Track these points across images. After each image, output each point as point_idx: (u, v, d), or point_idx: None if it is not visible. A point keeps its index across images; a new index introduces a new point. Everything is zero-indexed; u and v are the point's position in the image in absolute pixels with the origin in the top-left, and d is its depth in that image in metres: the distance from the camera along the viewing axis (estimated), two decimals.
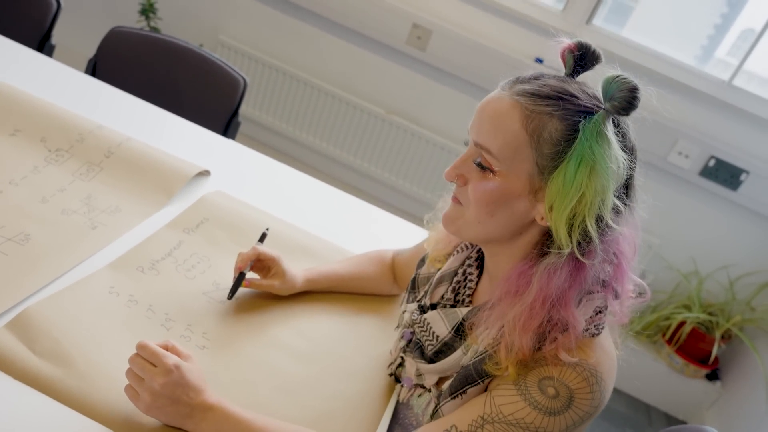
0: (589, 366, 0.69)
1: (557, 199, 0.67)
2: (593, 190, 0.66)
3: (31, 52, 1.49)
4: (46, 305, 0.85)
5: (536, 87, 0.69)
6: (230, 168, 1.35)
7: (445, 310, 0.83)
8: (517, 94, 0.69)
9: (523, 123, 0.68)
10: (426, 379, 0.84)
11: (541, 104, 0.68)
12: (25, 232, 0.97)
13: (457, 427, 0.71)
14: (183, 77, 1.67)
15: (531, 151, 0.68)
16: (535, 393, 0.69)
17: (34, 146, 1.17)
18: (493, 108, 0.70)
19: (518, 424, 0.69)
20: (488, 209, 0.72)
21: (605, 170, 0.65)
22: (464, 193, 0.74)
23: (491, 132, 0.70)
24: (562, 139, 0.67)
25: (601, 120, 0.66)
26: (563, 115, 0.68)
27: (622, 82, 0.66)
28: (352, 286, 1.08)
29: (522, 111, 0.68)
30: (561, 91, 0.69)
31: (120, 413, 0.75)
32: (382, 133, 2.57)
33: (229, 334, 0.93)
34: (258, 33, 2.60)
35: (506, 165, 0.70)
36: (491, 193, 0.71)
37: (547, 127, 0.68)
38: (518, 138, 0.69)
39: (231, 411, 0.74)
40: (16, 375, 0.76)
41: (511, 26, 2.31)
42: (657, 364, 2.35)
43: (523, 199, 0.71)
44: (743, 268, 2.29)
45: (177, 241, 1.07)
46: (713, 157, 2.19)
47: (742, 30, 2.28)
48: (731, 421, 2.19)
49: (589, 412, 0.70)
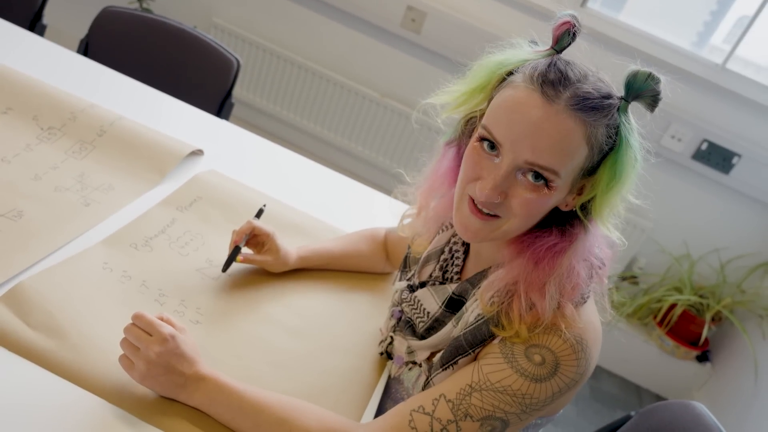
0: (574, 334, 0.71)
1: (605, 192, 0.69)
2: (630, 176, 0.70)
3: (23, 32, 1.48)
4: (40, 279, 0.86)
5: (587, 94, 0.67)
6: (223, 148, 1.35)
7: (435, 287, 0.84)
8: (576, 109, 0.66)
9: (587, 139, 0.67)
10: (417, 355, 0.85)
11: (599, 116, 0.67)
12: (18, 209, 0.97)
13: (446, 396, 0.72)
14: (176, 58, 1.66)
15: (587, 161, 0.69)
16: (522, 360, 0.70)
17: (26, 124, 1.17)
18: (554, 129, 0.66)
19: (505, 391, 0.70)
20: (536, 217, 0.72)
21: (638, 157, 0.69)
22: (501, 207, 0.71)
23: (558, 154, 0.67)
24: (608, 142, 0.69)
25: (627, 112, 0.69)
26: (611, 121, 0.68)
27: (653, 79, 0.67)
28: (345, 264, 1.09)
29: (586, 127, 0.67)
30: (605, 95, 0.68)
31: (113, 384, 0.76)
32: (377, 117, 2.57)
33: (222, 310, 0.94)
34: (252, 15, 2.59)
35: (566, 179, 0.69)
36: (545, 205, 0.70)
37: (600, 136, 0.68)
38: (582, 155, 0.68)
39: (224, 382, 0.75)
40: (10, 347, 0.77)
41: (506, 9, 2.30)
42: (648, 345, 2.38)
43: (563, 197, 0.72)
44: (734, 251, 2.31)
45: (170, 219, 1.08)
46: (706, 141, 2.20)
47: (739, 17, 2.29)
48: (721, 401, 2.22)
49: (575, 379, 0.71)
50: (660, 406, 1.04)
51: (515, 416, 0.71)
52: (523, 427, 0.74)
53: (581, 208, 0.72)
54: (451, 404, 0.72)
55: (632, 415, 1.07)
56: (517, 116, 0.67)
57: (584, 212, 0.72)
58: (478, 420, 0.70)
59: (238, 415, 0.74)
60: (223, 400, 0.74)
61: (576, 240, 0.72)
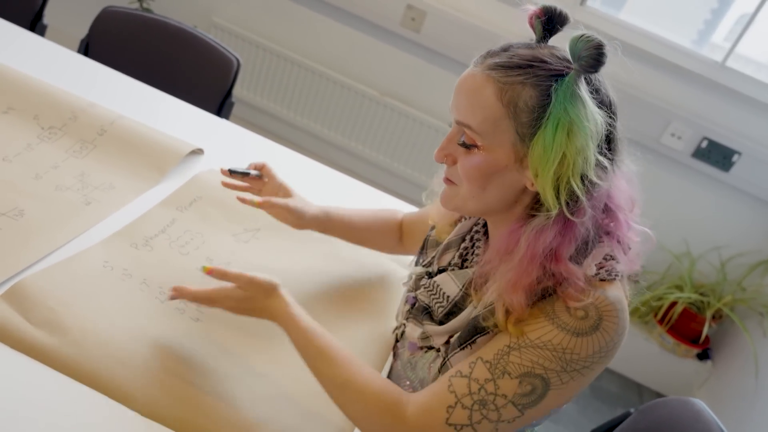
0: (612, 294, 0.71)
1: (540, 164, 0.69)
2: (573, 150, 0.67)
3: (23, 32, 1.48)
4: (42, 277, 0.86)
5: (506, 59, 0.71)
6: (223, 147, 1.36)
7: (455, 272, 0.84)
8: (489, 68, 0.71)
9: (498, 96, 0.70)
10: (434, 340, 0.83)
11: (513, 75, 0.70)
12: (19, 208, 0.97)
13: (483, 358, 0.72)
14: (176, 57, 1.67)
15: (510, 122, 0.70)
16: (564, 315, 0.70)
17: (27, 124, 1.17)
18: (467, 85, 0.72)
19: (545, 346, 0.69)
20: (479, 183, 0.73)
21: (582, 129, 0.67)
22: (455, 172, 0.76)
23: (469, 109, 0.72)
24: (537, 105, 0.69)
25: (573, 81, 0.68)
26: (535, 81, 0.69)
27: (587, 40, 0.67)
28: (360, 236, 1.09)
29: (495, 84, 0.70)
30: (531, 59, 0.70)
31: (114, 380, 0.77)
32: (376, 115, 2.57)
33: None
34: (252, 14, 2.59)
35: (488, 139, 0.71)
36: (479, 168, 0.72)
37: (522, 96, 0.69)
38: (495, 111, 0.70)
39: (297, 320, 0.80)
40: (12, 344, 0.77)
41: (506, 7, 2.30)
42: (648, 343, 2.38)
43: (511, 168, 0.72)
44: (734, 249, 2.31)
45: (170, 219, 1.08)
46: (706, 139, 2.20)
47: (739, 15, 2.28)
48: (722, 399, 2.22)
49: (614, 340, 0.70)
50: (659, 403, 1.04)
51: (556, 375, 0.69)
52: (565, 396, 0.71)
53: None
54: (488, 364, 0.71)
55: (631, 412, 1.07)
56: (456, 83, 0.75)
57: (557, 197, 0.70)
58: (517, 377, 0.69)
59: (305, 350, 0.79)
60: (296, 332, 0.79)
61: (532, 221, 0.71)
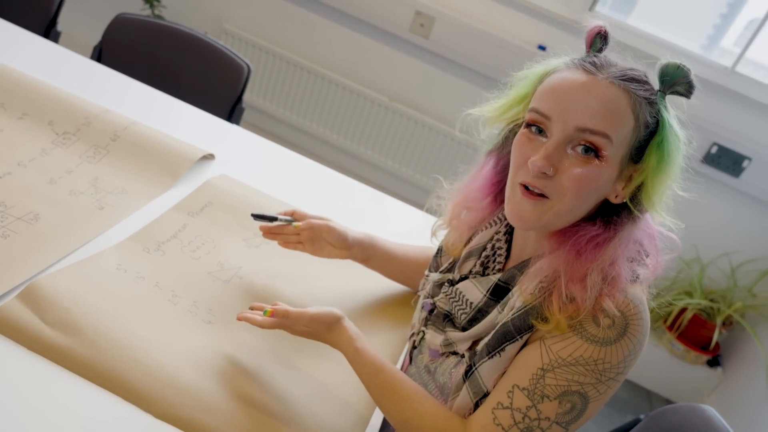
0: (634, 294, 0.71)
1: (654, 177, 0.71)
2: (677, 165, 0.71)
3: (38, 39, 1.51)
4: (56, 277, 0.87)
5: (626, 71, 0.72)
6: (234, 152, 1.37)
7: (477, 278, 0.83)
8: (618, 78, 0.70)
9: (632, 108, 0.70)
10: (458, 347, 0.82)
11: (640, 90, 0.71)
12: (34, 212, 0.99)
13: (519, 386, 0.72)
14: (187, 64, 1.68)
15: (633, 135, 0.71)
16: (590, 327, 0.70)
17: (41, 129, 1.19)
18: (602, 93, 0.69)
19: (578, 362, 0.69)
20: (585, 196, 0.71)
21: (681, 148, 0.72)
22: (550, 184, 0.71)
23: (607, 118, 0.69)
24: (652, 121, 0.71)
25: (666, 103, 0.72)
26: (652, 98, 0.71)
27: (686, 70, 0.71)
28: (401, 270, 1.07)
29: (629, 96, 0.70)
30: (644, 76, 0.73)
31: (128, 382, 0.77)
32: (385, 121, 2.58)
33: (234, 311, 0.95)
34: (262, 21, 2.61)
35: (613, 150, 0.70)
36: (596, 179, 0.70)
37: (644, 110, 0.70)
38: (628, 123, 0.70)
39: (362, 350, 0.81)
40: (27, 343, 0.78)
41: (515, 13, 2.31)
42: (658, 350, 2.37)
43: (612, 180, 0.72)
44: (745, 255, 2.30)
45: (182, 224, 1.09)
46: (716, 144, 2.19)
47: (749, 20, 2.28)
48: (732, 406, 2.21)
49: (641, 340, 0.71)
50: (669, 410, 1.04)
51: (592, 387, 0.70)
52: (604, 401, 0.72)
53: (631, 200, 0.73)
54: (526, 391, 0.71)
55: (641, 418, 1.06)
56: (564, 87, 0.70)
57: (634, 203, 0.73)
58: (555, 398, 0.70)
59: (369, 380, 0.80)
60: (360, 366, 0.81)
61: (621, 231, 0.73)
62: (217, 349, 0.87)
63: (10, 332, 0.79)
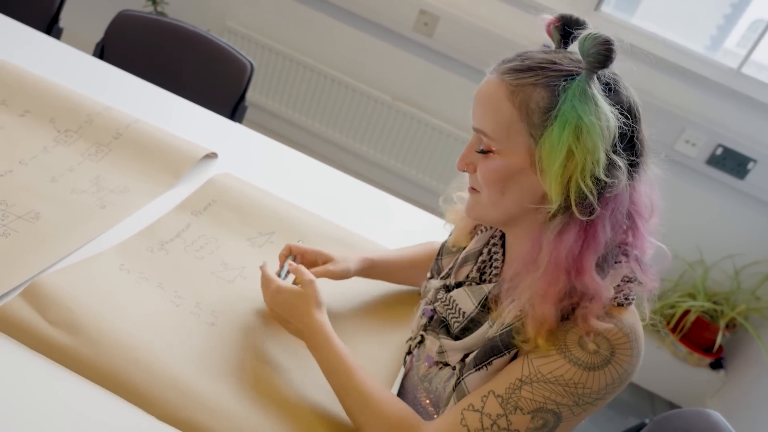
0: (628, 323, 0.70)
1: (548, 163, 0.68)
2: (583, 149, 0.66)
3: (40, 35, 1.50)
4: (59, 276, 0.87)
5: (518, 62, 0.72)
6: (237, 151, 1.36)
7: (471, 288, 0.83)
8: (502, 73, 0.72)
9: (510, 98, 0.70)
10: (450, 356, 0.83)
11: (524, 77, 0.70)
12: (35, 211, 0.98)
13: (495, 392, 0.71)
14: (190, 61, 1.67)
15: (522, 124, 0.70)
16: (575, 350, 0.69)
17: (43, 127, 1.18)
18: (482, 91, 0.74)
19: (557, 381, 0.69)
20: (498, 188, 0.73)
21: (592, 128, 0.65)
22: (476, 180, 0.76)
23: (484, 114, 0.73)
24: (549, 106, 0.68)
25: (583, 80, 0.67)
26: (547, 82, 0.69)
27: (594, 37, 0.67)
28: (406, 274, 1.08)
29: (507, 87, 0.71)
30: (543, 61, 0.71)
31: (130, 382, 0.77)
32: (389, 120, 2.57)
33: (237, 312, 0.94)
34: (265, 19, 2.60)
35: (503, 143, 0.72)
36: (496, 172, 0.73)
37: (533, 97, 0.69)
38: (507, 114, 0.71)
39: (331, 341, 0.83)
40: (29, 342, 0.77)
41: (519, 12, 2.30)
42: (661, 352, 2.36)
43: (527, 172, 0.71)
44: (749, 257, 2.29)
45: (185, 224, 1.08)
46: (720, 146, 2.18)
47: (753, 21, 2.27)
48: (735, 409, 2.20)
49: (627, 371, 0.69)
50: (675, 414, 1.03)
51: (568, 409, 0.69)
52: (577, 423, 0.71)
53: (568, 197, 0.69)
54: (500, 399, 0.70)
55: (646, 422, 1.06)
56: (474, 95, 0.76)
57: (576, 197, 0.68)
58: (529, 412, 0.69)
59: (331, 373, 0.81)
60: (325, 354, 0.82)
61: (551, 224, 0.70)
62: (219, 351, 0.86)
63: (12, 331, 0.78)
